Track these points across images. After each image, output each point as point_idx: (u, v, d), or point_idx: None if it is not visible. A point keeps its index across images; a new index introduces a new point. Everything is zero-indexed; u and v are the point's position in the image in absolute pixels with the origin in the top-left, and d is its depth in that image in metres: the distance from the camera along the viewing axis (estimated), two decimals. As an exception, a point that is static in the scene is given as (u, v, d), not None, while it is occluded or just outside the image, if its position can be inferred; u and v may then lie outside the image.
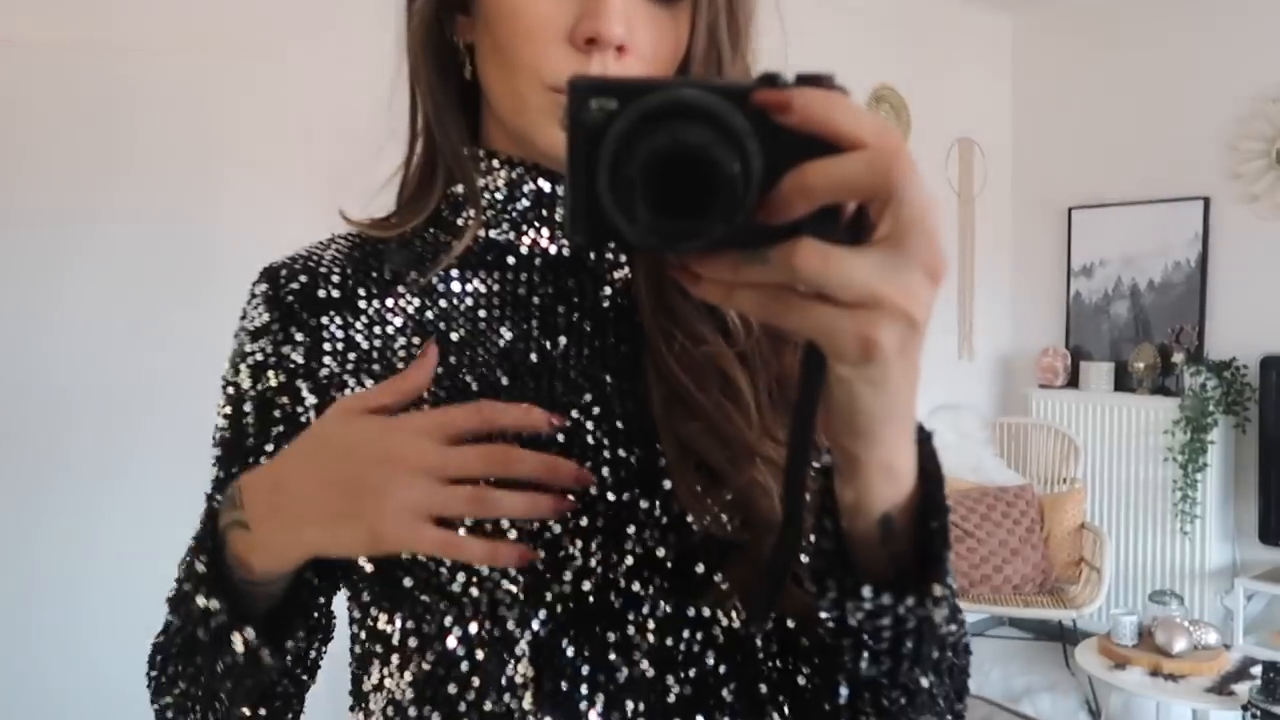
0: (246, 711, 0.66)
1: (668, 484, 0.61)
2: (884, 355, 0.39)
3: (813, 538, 0.49)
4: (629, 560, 0.61)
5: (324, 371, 0.66)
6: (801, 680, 0.64)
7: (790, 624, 0.63)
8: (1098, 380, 3.99)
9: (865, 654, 0.50)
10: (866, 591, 0.47)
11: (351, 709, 0.69)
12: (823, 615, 0.50)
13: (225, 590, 0.59)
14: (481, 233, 0.68)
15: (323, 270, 0.68)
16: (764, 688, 0.64)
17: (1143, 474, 3.79)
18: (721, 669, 0.62)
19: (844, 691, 0.55)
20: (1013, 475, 3.96)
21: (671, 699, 0.61)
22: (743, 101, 0.37)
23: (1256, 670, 2.48)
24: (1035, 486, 3.87)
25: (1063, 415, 4.04)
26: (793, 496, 0.45)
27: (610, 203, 0.37)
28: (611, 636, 0.61)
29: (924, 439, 0.47)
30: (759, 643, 0.64)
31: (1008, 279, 4.45)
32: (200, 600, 0.59)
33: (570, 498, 0.55)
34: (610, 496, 0.61)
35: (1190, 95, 3.77)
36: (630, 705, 0.60)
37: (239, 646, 0.59)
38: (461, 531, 0.57)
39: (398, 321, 0.66)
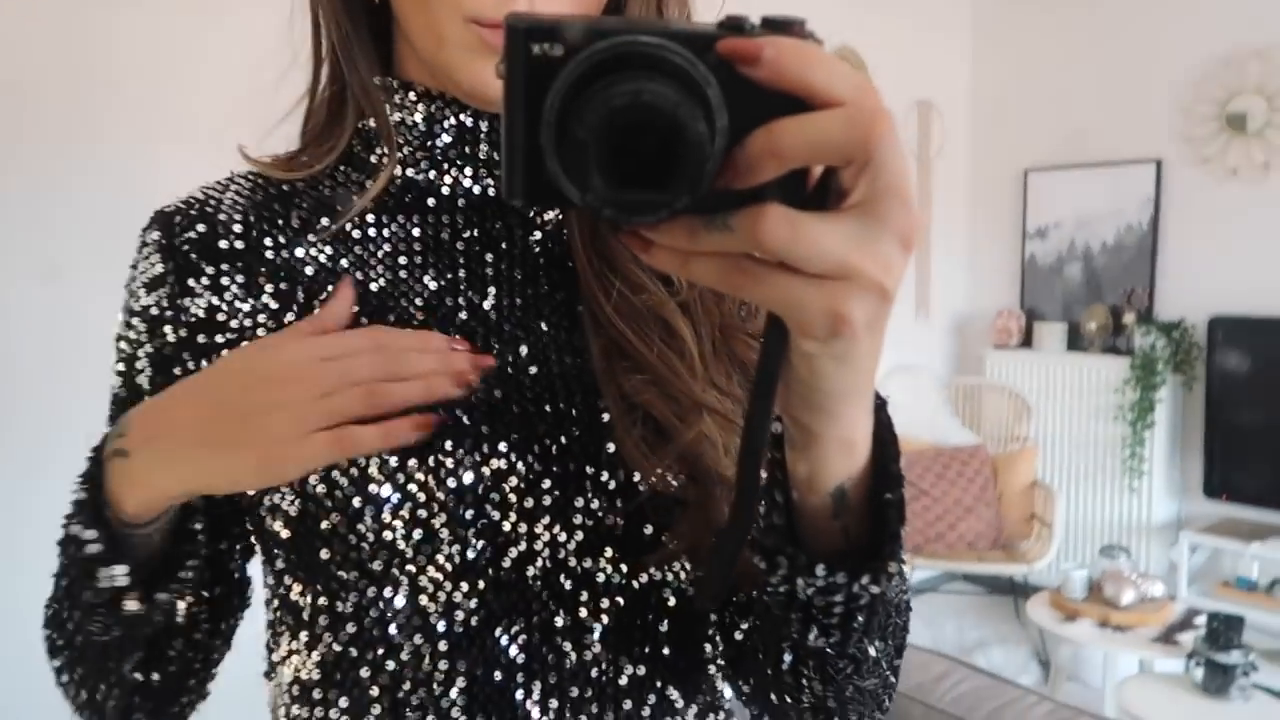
0: (137, 676, 0.61)
1: (611, 446, 0.58)
2: (853, 330, 0.36)
3: (761, 508, 0.46)
4: (579, 536, 0.58)
5: (234, 324, 0.60)
6: (739, 636, 0.63)
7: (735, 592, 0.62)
8: (1051, 341, 4.06)
9: (814, 627, 0.49)
10: (820, 570, 0.45)
11: (266, 675, 0.66)
12: (771, 588, 0.48)
13: (103, 523, 0.54)
14: (399, 172, 0.62)
15: (222, 217, 0.61)
16: (708, 648, 0.63)
17: (1093, 432, 3.88)
18: (673, 637, 0.61)
19: (788, 659, 0.54)
20: (967, 435, 4.03)
21: (624, 680, 0.58)
22: (705, 51, 0.33)
23: (1200, 620, 2.56)
24: (989, 445, 3.94)
25: (1017, 375, 4.11)
26: (748, 476, 0.40)
27: (558, 167, 0.33)
28: (559, 621, 0.57)
29: (879, 407, 0.45)
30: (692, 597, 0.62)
31: (964, 241, 4.49)
32: (75, 529, 0.54)
33: (473, 376, 0.53)
34: (555, 467, 0.57)
35: (1145, 58, 3.81)
36: (575, 691, 0.57)
37: (104, 583, 0.54)
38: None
39: (309, 272, 0.61)
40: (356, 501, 0.55)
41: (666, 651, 0.60)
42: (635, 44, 0.32)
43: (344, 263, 0.61)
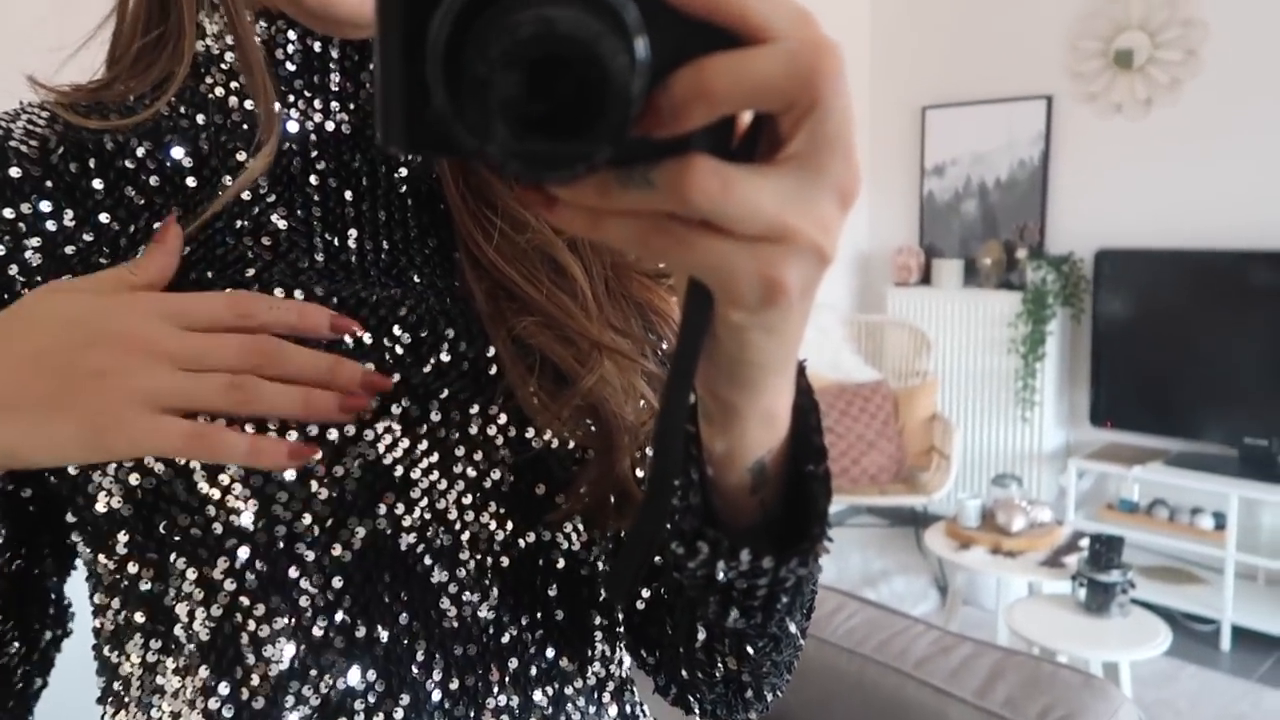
0: None
1: (500, 397, 0.53)
2: (788, 298, 0.31)
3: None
4: (459, 487, 0.53)
5: (36, 263, 0.51)
6: (641, 605, 0.60)
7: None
8: (949, 277, 4.14)
9: (734, 609, 0.45)
10: (745, 555, 0.41)
11: (101, 700, 0.57)
12: (688, 572, 0.43)
13: None
14: (235, 103, 0.55)
15: (14, 145, 0.52)
16: (598, 618, 0.59)
17: (988, 365, 3.99)
18: (563, 600, 0.57)
19: (702, 637, 0.51)
20: (870, 371, 4.10)
21: (507, 639, 0.55)
22: None
23: (1084, 544, 2.68)
24: (890, 381, 4.03)
25: (917, 311, 4.19)
26: (664, 461, 0.35)
27: (450, 111, 0.26)
28: (437, 578, 0.53)
29: (799, 372, 0.41)
30: (599, 566, 0.58)
31: (865, 180, 4.51)
32: None
33: (364, 398, 0.46)
34: (435, 416, 0.52)
35: (1036, -6, 3.86)
36: (459, 650, 0.53)
37: None
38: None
39: (122, 214, 0.53)
40: (203, 487, 0.49)
41: (558, 615, 0.57)
42: None
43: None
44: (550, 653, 0.57)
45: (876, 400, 3.83)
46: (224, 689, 0.51)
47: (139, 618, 0.53)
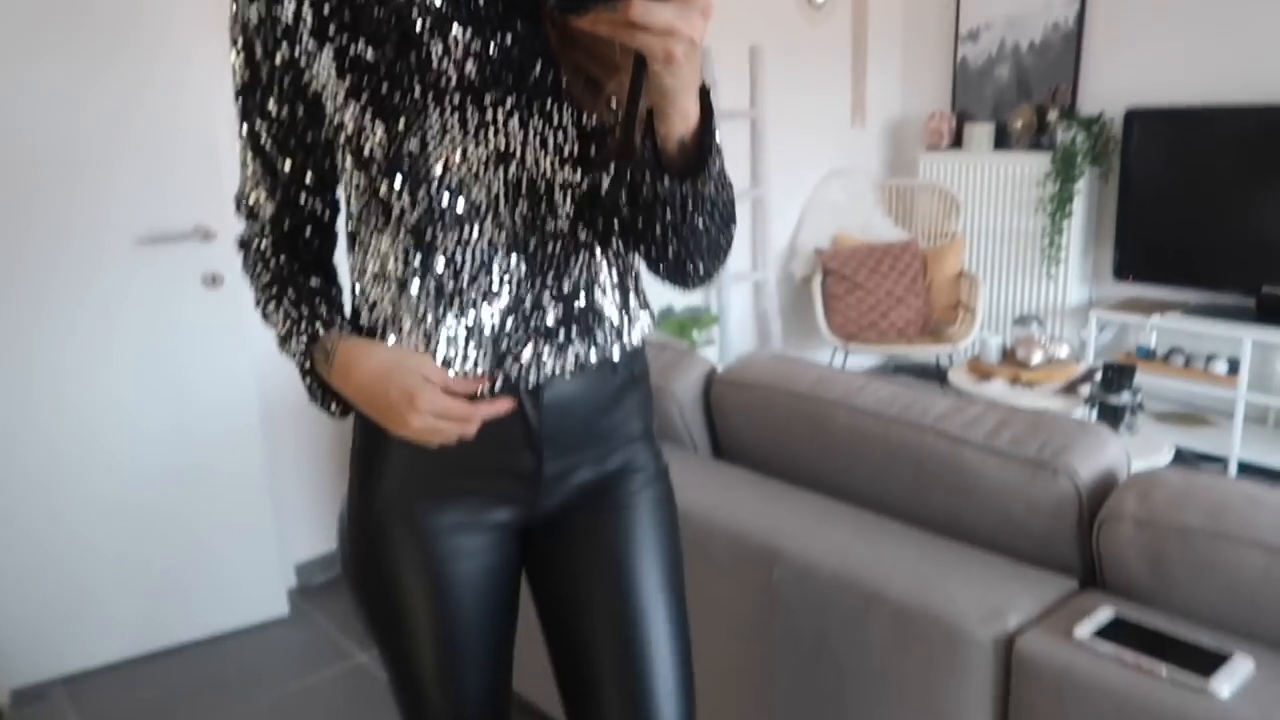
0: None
1: (565, 97, 0.93)
2: (677, 60, 0.73)
3: (647, 153, 0.84)
4: (552, 154, 0.95)
5: (331, 27, 0.92)
6: (623, 218, 0.97)
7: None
8: (980, 140, 4.23)
9: (667, 210, 0.88)
10: (667, 179, 0.85)
11: (351, 249, 1.03)
12: (645, 189, 0.87)
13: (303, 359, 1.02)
14: None
15: None
16: (600, 224, 1.00)
17: (1016, 225, 4.12)
18: (592, 218, 0.98)
19: (656, 231, 0.91)
20: (899, 232, 4.24)
21: (579, 240, 0.99)
22: None
23: (1099, 377, 2.86)
24: (920, 241, 4.16)
25: (947, 175, 4.30)
26: (631, 126, 0.80)
27: None
28: (543, 208, 0.96)
29: (706, 93, 0.80)
30: (604, 195, 0.98)
31: (899, 47, 4.57)
32: (293, 348, 1.02)
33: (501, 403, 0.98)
34: (535, 111, 0.94)
35: None
36: (549, 248, 0.98)
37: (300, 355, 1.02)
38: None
39: None
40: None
41: (599, 225, 0.99)
42: None
43: None
44: (599, 247, 1.00)
45: (906, 259, 3.98)
46: (418, 256, 0.96)
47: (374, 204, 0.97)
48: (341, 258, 1.07)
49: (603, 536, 1.06)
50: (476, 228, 0.95)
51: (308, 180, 1.02)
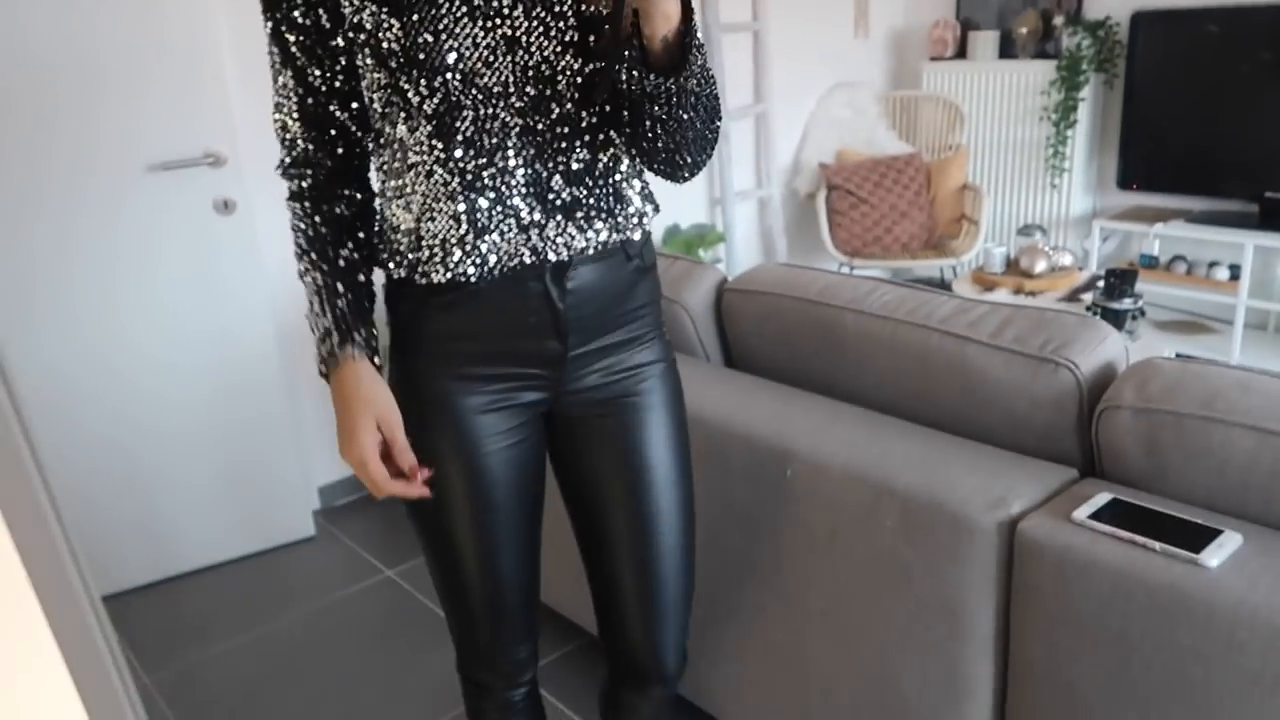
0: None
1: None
2: None
3: (634, 52, 0.97)
4: (556, 44, 1.03)
5: None
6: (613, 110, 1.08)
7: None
8: (984, 49, 4.19)
9: (654, 104, 1.00)
10: (654, 76, 0.98)
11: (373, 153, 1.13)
12: (635, 86, 0.99)
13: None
14: None
15: None
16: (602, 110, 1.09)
17: (1020, 135, 4.10)
18: (595, 103, 1.07)
19: (645, 124, 1.03)
20: (903, 145, 4.23)
21: (584, 123, 1.08)
22: None
23: (1102, 283, 2.89)
24: (924, 154, 4.16)
25: (951, 85, 4.27)
26: (616, 29, 0.95)
27: None
28: (547, 91, 1.05)
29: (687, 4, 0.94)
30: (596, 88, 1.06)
31: (902, -47, 4.49)
32: (315, 323, 1.12)
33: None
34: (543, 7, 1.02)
35: None
36: (558, 129, 1.07)
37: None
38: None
39: None
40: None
41: (607, 109, 1.08)
42: None
43: None
44: (606, 130, 1.09)
45: (909, 172, 3.98)
46: (439, 143, 1.05)
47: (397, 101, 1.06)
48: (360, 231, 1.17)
49: (619, 419, 1.19)
50: (489, 112, 1.03)
51: (337, 85, 1.07)
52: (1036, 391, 1.40)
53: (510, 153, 1.05)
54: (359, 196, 1.14)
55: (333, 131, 1.10)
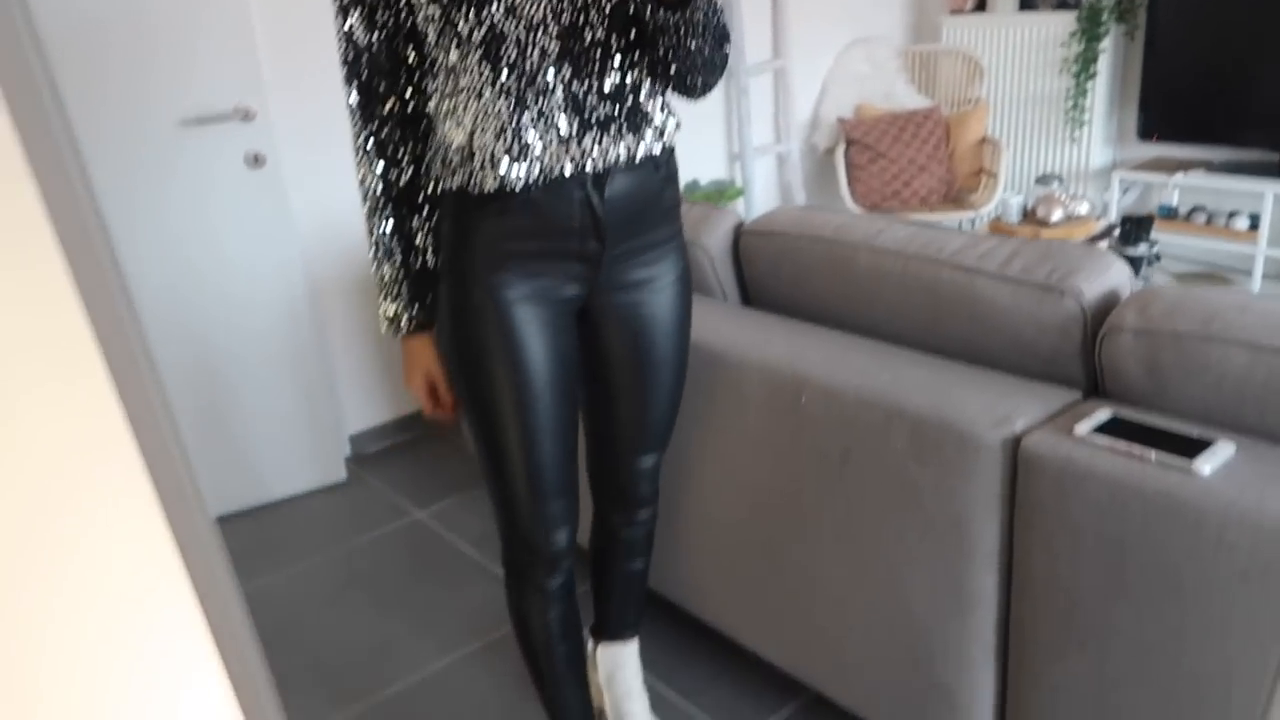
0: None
1: None
2: None
3: None
4: None
5: None
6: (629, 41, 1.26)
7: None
8: (1004, 1, 4.17)
9: (666, 35, 1.17)
10: (661, 11, 1.15)
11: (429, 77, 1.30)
12: (660, 21, 1.17)
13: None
14: None
15: None
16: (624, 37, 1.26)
17: (1040, 88, 4.10)
18: (621, 34, 1.24)
19: (660, 51, 1.21)
20: (922, 99, 4.23)
21: (613, 48, 1.24)
22: None
23: (1119, 232, 2.92)
24: (943, 108, 4.16)
25: (971, 38, 4.26)
26: None
27: None
28: (580, 19, 1.21)
29: None
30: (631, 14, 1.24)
31: (922, -95, 4.46)
32: (378, 272, 1.38)
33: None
34: None
35: None
36: (592, 52, 1.23)
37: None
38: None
39: None
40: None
41: (632, 35, 1.24)
42: None
43: None
44: (634, 52, 1.25)
45: (929, 126, 3.99)
46: (487, 67, 1.21)
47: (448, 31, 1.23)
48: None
49: (635, 311, 1.40)
50: (531, 39, 1.20)
51: (402, 19, 1.26)
52: (1042, 318, 1.45)
53: (550, 74, 1.22)
54: (410, 104, 1.32)
55: (399, 67, 1.29)
